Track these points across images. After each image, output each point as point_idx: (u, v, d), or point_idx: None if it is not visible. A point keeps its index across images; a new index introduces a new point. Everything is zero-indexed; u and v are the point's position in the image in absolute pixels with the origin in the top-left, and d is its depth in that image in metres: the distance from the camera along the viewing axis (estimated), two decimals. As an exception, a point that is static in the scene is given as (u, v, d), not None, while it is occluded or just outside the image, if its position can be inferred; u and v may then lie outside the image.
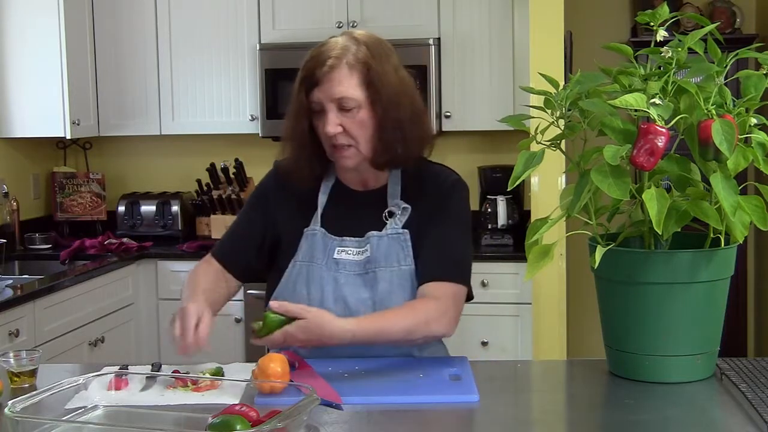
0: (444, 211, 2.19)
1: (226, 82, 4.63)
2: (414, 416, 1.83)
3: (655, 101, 1.79)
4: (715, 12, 4.85)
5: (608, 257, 1.85)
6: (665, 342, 1.89)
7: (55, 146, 4.99)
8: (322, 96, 2.10)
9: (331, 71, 2.09)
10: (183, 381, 1.93)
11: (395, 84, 2.14)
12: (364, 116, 2.11)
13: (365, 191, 2.24)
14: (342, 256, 2.17)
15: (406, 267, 2.15)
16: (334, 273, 2.16)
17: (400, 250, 2.16)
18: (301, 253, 2.19)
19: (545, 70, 2.11)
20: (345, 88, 2.09)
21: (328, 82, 2.09)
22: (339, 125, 2.11)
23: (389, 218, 2.18)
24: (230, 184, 4.65)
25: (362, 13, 4.46)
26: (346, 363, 2.07)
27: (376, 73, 2.10)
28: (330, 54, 2.11)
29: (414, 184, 2.21)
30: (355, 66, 2.10)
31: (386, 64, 2.13)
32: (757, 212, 1.81)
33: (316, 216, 2.21)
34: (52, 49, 4.36)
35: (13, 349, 2.26)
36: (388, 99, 2.11)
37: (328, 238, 2.19)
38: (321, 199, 2.23)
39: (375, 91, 2.10)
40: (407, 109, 2.15)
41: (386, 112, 2.11)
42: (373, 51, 2.13)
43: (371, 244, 2.16)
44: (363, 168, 2.20)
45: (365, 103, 2.11)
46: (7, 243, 4.13)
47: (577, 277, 4.38)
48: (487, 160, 4.68)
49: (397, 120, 2.13)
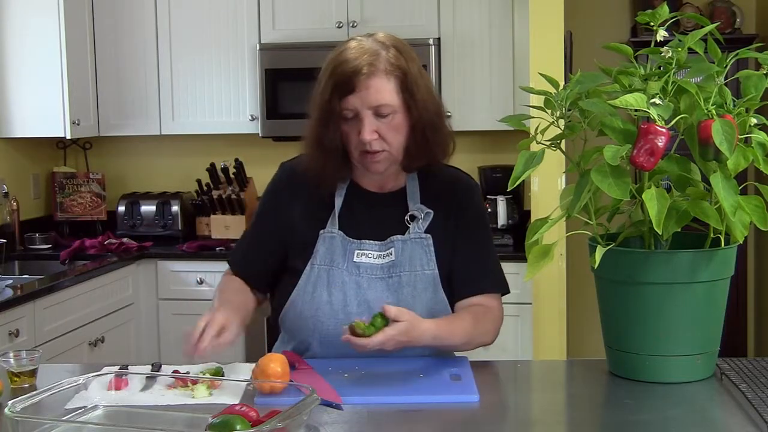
0: (470, 218, 2.22)
1: (226, 82, 4.63)
2: (414, 416, 1.83)
3: (655, 101, 1.79)
4: (715, 12, 4.85)
5: (608, 257, 1.85)
6: (665, 342, 1.89)
7: (55, 146, 4.99)
8: (358, 103, 2.06)
9: (368, 78, 2.05)
10: (183, 381, 1.93)
11: (424, 87, 2.13)
12: (399, 121, 2.09)
13: (382, 193, 2.22)
14: (362, 260, 2.15)
15: (429, 271, 2.15)
16: (356, 277, 2.14)
17: (424, 255, 2.15)
18: (319, 256, 2.16)
19: (545, 70, 2.11)
20: (383, 95, 2.06)
21: (365, 90, 2.05)
22: (374, 131, 2.08)
23: (411, 222, 2.17)
24: (230, 184, 4.66)
25: (362, 13, 4.46)
26: (346, 363, 2.07)
27: (412, 78, 2.09)
28: (363, 60, 2.06)
29: (431, 187, 2.21)
30: (391, 72, 2.07)
31: (416, 67, 2.12)
32: (757, 212, 1.81)
33: (333, 218, 2.18)
34: (52, 49, 4.36)
35: (13, 349, 2.26)
36: (421, 102, 2.10)
37: (347, 240, 2.16)
38: (337, 200, 2.19)
39: (410, 96, 2.08)
40: (434, 110, 2.14)
41: (419, 115, 2.10)
42: (403, 54, 2.11)
43: (395, 248, 2.15)
44: (389, 171, 2.18)
45: (401, 109, 2.08)
46: (7, 243, 4.13)
47: (577, 277, 4.38)
48: (487, 160, 4.68)
49: (429, 122, 2.12)
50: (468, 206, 2.23)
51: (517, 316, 4.12)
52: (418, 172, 2.21)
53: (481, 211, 2.28)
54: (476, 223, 2.23)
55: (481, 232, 2.24)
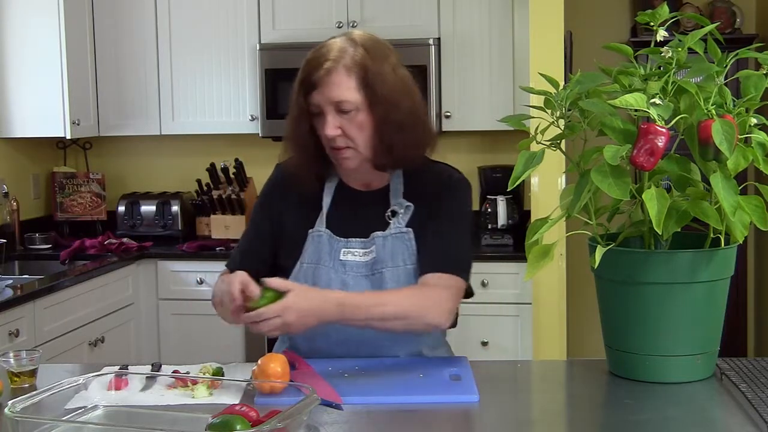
0: (445, 207, 2.18)
1: (226, 82, 4.63)
2: (414, 416, 1.83)
3: (655, 101, 1.79)
4: (715, 12, 4.85)
5: (608, 257, 1.85)
6: (665, 342, 1.89)
7: (55, 146, 4.99)
8: (320, 99, 2.10)
9: (328, 74, 2.08)
10: (183, 381, 1.93)
11: (393, 85, 2.13)
12: (363, 118, 2.11)
13: (368, 191, 2.24)
14: (348, 258, 2.17)
15: (411, 266, 2.14)
16: (342, 275, 2.15)
17: (405, 249, 2.15)
18: (307, 254, 2.18)
19: (545, 70, 2.11)
20: (342, 91, 2.08)
21: (326, 86, 2.09)
22: (338, 128, 2.10)
23: (392, 218, 2.18)
24: (230, 184, 4.66)
25: (362, 13, 4.46)
26: (346, 363, 2.07)
27: (374, 74, 2.10)
28: (327, 56, 2.10)
29: (416, 183, 2.21)
30: (352, 68, 2.09)
31: (384, 65, 2.12)
32: (757, 212, 1.81)
33: (321, 217, 2.21)
34: (52, 49, 4.36)
35: (13, 349, 2.26)
36: (387, 100, 2.11)
37: (334, 239, 2.18)
38: (325, 200, 2.22)
39: (372, 93, 2.10)
40: (406, 109, 2.14)
41: (385, 113, 2.11)
42: (370, 52, 2.12)
43: (376, 244, 2.16)
44: (365, 169, 2.19)
45: (363, 105, 2.10)
46: (7, 243, 4.13)
47: (577, 277, 4.38)
48: (487, 160, 4.68)
49: (396, 121, 2.12)
50: (448, 198, 2.19)
51: (517, 316, 4.13)
52: (405, 170, 2.21)
53: (462, 205, 2.22)
54: (451, 213, 2.18)
55: (454, 222, 2.18)
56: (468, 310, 4.18)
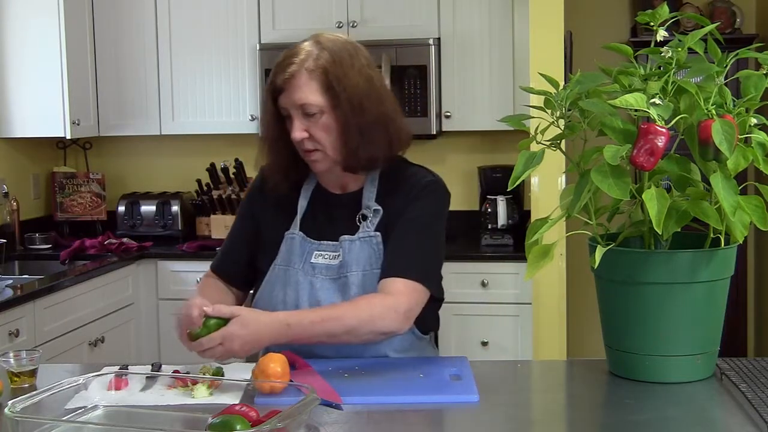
0: (411, 211, 2.15)
1: (226, 82, 4.63)
2: (414, 416, 1.83)
3: (655, 101, 1.79)
4: (715, 12, 4.85)
5: (608, 257, 1.85)
6: (665, 342, 1.89)
7: (55, 146, 4.99)
8: (286, 102, 2.12)
9: (292, 78, 2.10)
10: (183, 381, 1.93)
11: (359, 87, 2.12)
12: (328, 121, 2.11)
13: (343, 194, 2.24)
14: (318, 261, 2.17)
15: (378, 270, 2.13)
16: (311, 277, 2.16)
17: (373, 254, 2.15)
18: (280, 256, 2.20)
19: (545, 70, 2.11)
20: (305, 94, 2.09)
21: (290, 89, 2.10)
22: (304, 131, 2.12)
23: (362, 221, 2.18)
24: (230, 184, 4.66)
25: (362, 13, 4.46)
26: (346, 363, 2.07)
27: (336, 77, 2.10)
28: (293, 60, 2.12)
29: (389, 186, 2.20)
30: (314, 71, 2.10)
31: (348, 68, 2.12)
32: (757, 212, 1.81)
33: (295, 220, 2.22)
34: (52, 49, 4.36)
35: (13, 349, 2.26)
36: (351, 103, 2.10)
37: (306, 242, 2.19)
38: (301, 203, 2.24)
39: (335, 96, 2.10)
40: (373, 111, 2.13)
41: (349, 116, 2.11)
42: (334, 55, 2.12)
43: (343, 248, 2.16)
44: (338, 171, 2.20)
45: (327, 108, 2.10)
46: (7, 243, 4.13)
47: (577, 277, 4.38)
48: (487, 160, 4.68)
49: (362, 123, 2.12)
50: (415, 201, 2.16)
51: (517, 316, 4.13)
52: (380, 173, 2.21)
53: (430, 207, 2.17)
54: (416, 216, 2.15)
55: (417, 225, 2.14)
56: (468, 310, 4.22)
